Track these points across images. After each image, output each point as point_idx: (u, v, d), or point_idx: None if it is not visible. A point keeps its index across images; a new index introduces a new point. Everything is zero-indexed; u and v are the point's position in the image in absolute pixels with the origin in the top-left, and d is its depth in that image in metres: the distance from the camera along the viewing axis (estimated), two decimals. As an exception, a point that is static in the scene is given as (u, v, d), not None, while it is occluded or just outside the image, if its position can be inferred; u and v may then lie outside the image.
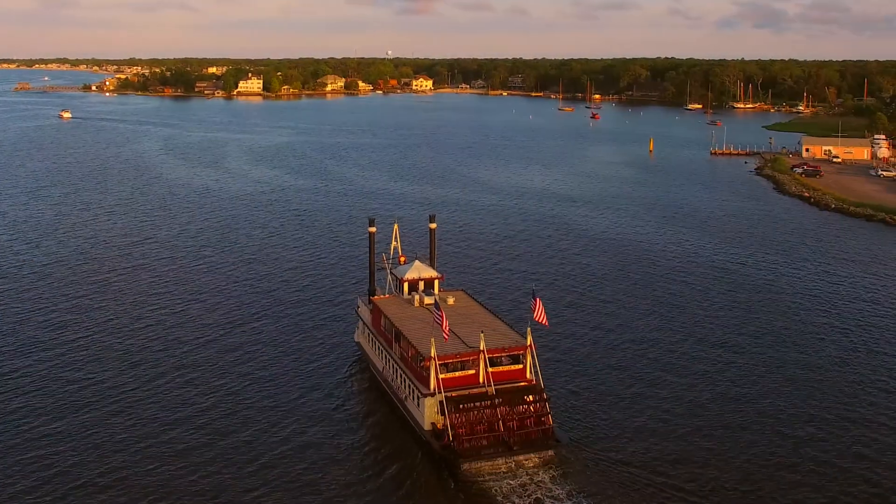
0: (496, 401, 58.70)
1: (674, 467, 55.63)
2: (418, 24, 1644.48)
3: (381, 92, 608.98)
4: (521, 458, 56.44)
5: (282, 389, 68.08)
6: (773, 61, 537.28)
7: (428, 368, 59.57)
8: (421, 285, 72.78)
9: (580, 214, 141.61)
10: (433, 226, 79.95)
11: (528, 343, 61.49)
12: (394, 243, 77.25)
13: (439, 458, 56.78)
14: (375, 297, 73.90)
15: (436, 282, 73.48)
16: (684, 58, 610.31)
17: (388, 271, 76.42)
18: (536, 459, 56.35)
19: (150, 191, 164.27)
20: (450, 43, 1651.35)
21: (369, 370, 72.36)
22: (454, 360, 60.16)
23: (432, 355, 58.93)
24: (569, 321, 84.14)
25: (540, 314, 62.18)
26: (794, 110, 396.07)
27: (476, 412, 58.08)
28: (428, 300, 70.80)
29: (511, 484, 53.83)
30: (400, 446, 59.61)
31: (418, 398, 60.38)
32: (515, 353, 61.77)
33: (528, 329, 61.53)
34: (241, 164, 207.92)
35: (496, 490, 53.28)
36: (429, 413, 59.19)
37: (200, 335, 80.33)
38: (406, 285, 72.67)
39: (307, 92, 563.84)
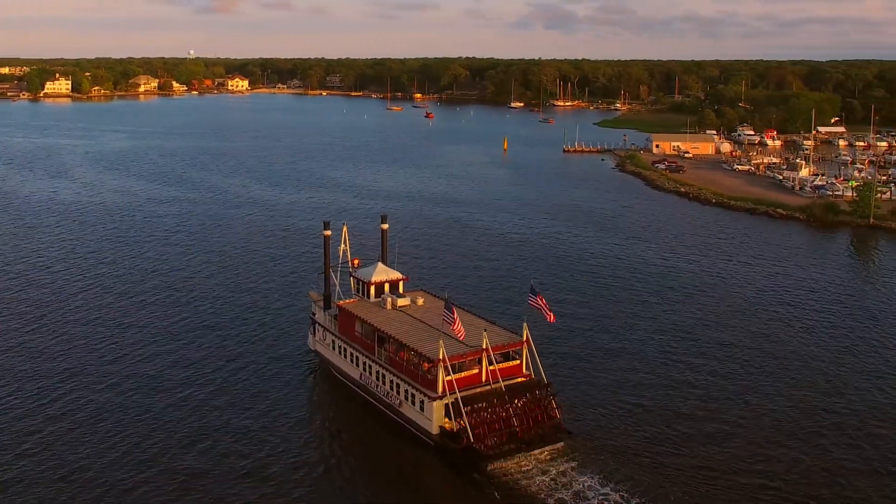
0: (507, 398, 59.36)
1: (679, 447, 59.21)
2: (221, 24, 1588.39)
3: (196, 92, 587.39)
4: (538, 452, 57.48)
5: (243, 413, 64.00)
6: (584, 60, 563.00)
7: (432, 371, 59.25)
8: (387, 287, 72.09)
9: (477, 215, 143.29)
10: (385, 226, 79.06)
11: (525, 338, 62.62)
12: (343, 246, 75.98)
13: (460, 461, 56.57)
14: (342, 301, 72.19)
15: (400, 283, 73.19)
16: (484, 57, 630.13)
17: (349, 274, 74.95)
18: (553, 452, 57.71)
19: (11, 207, 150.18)
20: (255, 43, 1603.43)
21: (334, 378, 70.94)
22: (459, 361, 60.02)
23: (440, 357, 58.50)
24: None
25: (546, 310, 63.12)
26: (612, 108, 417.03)
27: (491, 411, 58.57)
28: (402, 302, 70.35)
29: (542, 479, 54.46)
30: (406, 454, 58.62)
31: (422, 402, 59.66)
32: (515, 349, 62.64)
33: (525, 324, 62.57)
34: (97, 174, 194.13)
35: (529, 486, 53.77)
36: (437, 416, 58.59)
37: (136, 363, 73.85)
38: (373, 288, 71.76)
39: (119, 93, 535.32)
